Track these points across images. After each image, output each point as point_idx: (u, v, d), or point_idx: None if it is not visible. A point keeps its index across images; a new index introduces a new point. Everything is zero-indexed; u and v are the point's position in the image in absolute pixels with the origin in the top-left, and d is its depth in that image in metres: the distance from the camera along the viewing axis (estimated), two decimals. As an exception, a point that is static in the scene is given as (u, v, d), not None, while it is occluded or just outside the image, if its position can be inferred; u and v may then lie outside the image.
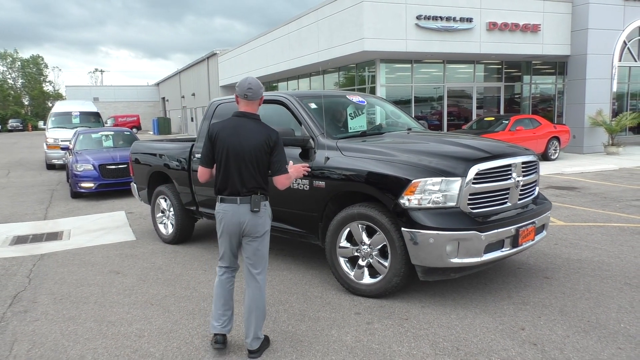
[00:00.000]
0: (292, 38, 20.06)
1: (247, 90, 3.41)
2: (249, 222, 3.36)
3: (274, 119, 5.58)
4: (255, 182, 3.36)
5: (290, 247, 6.31)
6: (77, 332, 3.97)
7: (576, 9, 17.01)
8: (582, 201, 8.84)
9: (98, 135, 12.73)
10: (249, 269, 3.46)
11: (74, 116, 18.17)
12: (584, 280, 4.77)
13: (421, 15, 15.09)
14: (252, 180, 3.36)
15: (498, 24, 16.02)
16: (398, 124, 6.07)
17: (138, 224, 8.07)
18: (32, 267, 5.83)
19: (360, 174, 4.40)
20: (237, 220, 3.36)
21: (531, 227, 4.44)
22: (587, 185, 10.61)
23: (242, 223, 3.36)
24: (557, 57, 18.15)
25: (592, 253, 5.66)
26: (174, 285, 5.04)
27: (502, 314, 4.05)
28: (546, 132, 15.12)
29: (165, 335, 3.86)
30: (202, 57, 37.14)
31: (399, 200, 4.10)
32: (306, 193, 4.85)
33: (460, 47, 15.83)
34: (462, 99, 19.02)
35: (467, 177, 4.08)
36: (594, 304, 4.20)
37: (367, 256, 4.44)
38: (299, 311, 4.25)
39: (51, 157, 16.25)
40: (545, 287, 4.62)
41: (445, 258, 3.99)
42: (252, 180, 3.36)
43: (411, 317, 4.03)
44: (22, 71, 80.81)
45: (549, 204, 4.95)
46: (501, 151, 4.50)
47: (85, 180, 10.57)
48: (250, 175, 3.35)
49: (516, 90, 19.86)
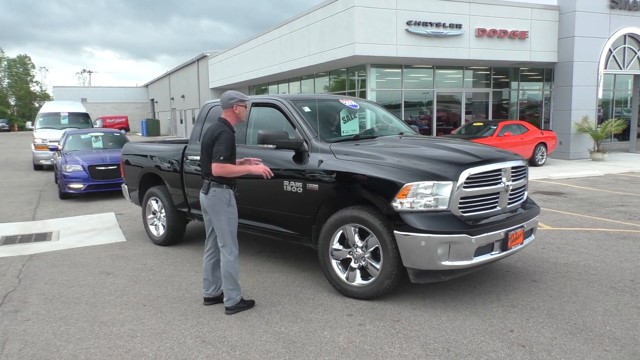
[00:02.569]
0: (284, 41, 20.11)
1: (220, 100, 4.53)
2: (203, 200, 4.31)
3: (268, 122, 5.64)
4: (205, 169, 4.29)
5: (281, 249, 6.35)
6: (69, 332, 3.97)
7: (563, 16, 17.29)
8: (569, 206, 8.99)
9: (87, 136, 12.64)
10: (217, 242, 4.35)
11: (63, 117, 18.02)
12: (571, 283, 4.87)
13: (411, 21, 15.24)
14: (204, 167, 4.31)
15: (487, 31, 16.23)
16: (390, 128, 6.14)
17: (128, 226, 8.05)
18: (22, 268, 5.80)
19: (353, 177, 4.45)
20: (200, 199, 4.38)
21: (520, 231, 4.53)
22: (573, 191, 10.78)
23: (202, 202, 4.33)
24: (545, 64, 18.42)
25: (578, 257, 5.77)
26: (165, 286, 5.05)
27: (491, 316, 4.12)
28: (533, 137, 15.33)
29: (158, 335, 3.87)
30: (192, 60, 37.00)
31: (392, 204, 4.16)
32: (299, 195, 4.89)
33: (450, 53, 16.01)
34: (451, 104, 19.21)
35: (459, 181, 4.15)
36: (580, 306, 4.29)
37: (359, 258, 4.49)
38: (291, 312, 4.28)
39: (39, 158, 16.10)
40: (533, 290, 4.70)
41: (437, 261, 4.05)
42: (204, 167, 4.32)
43: (402, 318, 4.09)
44: (8, 71, 79.86)
45: (537, 209, 5.04)
46: (491, 156, 4.58)
47: (74, 181, 10.50)
48: (203, 164, 4.32)
49: (504, 96, 20.10)
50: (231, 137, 4.19)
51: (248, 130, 5.62)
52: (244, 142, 5.60)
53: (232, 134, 4.22)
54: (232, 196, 4.28)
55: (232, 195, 4.29)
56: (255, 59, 23.58)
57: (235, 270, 4.28)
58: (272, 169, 5.16)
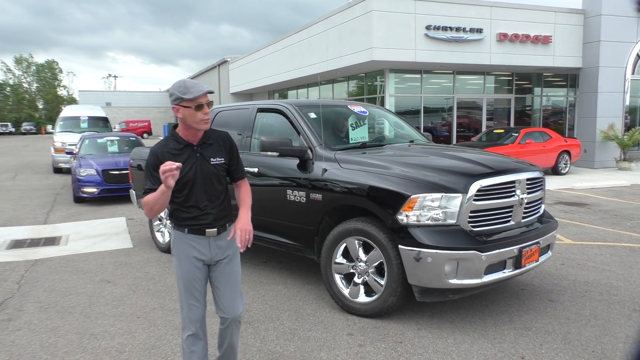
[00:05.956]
0: (302, 46, 20.00)
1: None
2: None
3: (274, 128, 5.47)
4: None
5: (288, 259, 6.15)
6: (57, 344, 3.83)
7: (588, 20, 16.77)
8: (592, 218, 8.58)
9: (103, 140, 12.69)
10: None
11: (83, 121, 18.22)
12: (591, 305, 4.55)
13: (431, 25, 14.95)
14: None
15: (508, 35, 15.83)
16: (400, 135, 5.90)
17: (137, 231, 7.96)
18: (24, 273, 5.72)
19: (357, 187, 4.23)
20: None
21: (535, 248, 4.24)
22: (597, 202, 10.34)
23: None
24: (569, 69, 17.90)
25: (600, 275, 5.42)
26: (163, 297, 4.89)
27: (502, 339, 3.84)
28: (556, 145, 14.84)
29: (147, 351, 3.70)
30: (213, 65, 37.31)
31: (397, 216, 3.93)
32: (302, 205, 4.69)
33: (470, 58, 15.65)
34: (472, 110, 18.80)
35: (469, 193, 3.89)
36: (599, 331, 3.97)
37: (363, 273, 4.26)
38: (289, 329, 4.07)
39: (58, 161, 16.27)
40: (550, 311, 4.40)
41: (444, 278, 3.80)
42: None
43: (406, 340, 3.84)
44: (37, 76, 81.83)
45: (554, 223, 4.74)
46: (505, 167, 4.31)
47: (88, 185, 10.50)
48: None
49: (527, 103, 19.61)
50: (152, 160, 2.69)
51: (253, 136, 5.45)
52: (248, 149, 5.43)
53: (154, 155, 2.71)
54: (177, 243, 2.81)
55: (180, 240, 2.80)
56: (275, 64, 23.54)
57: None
58: (276, 177, 5.02)
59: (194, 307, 2.79)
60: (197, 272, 2.80)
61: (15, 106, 75.08)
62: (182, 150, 2.74)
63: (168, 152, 2.73)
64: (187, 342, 2.80)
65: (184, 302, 2.80)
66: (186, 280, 2.78)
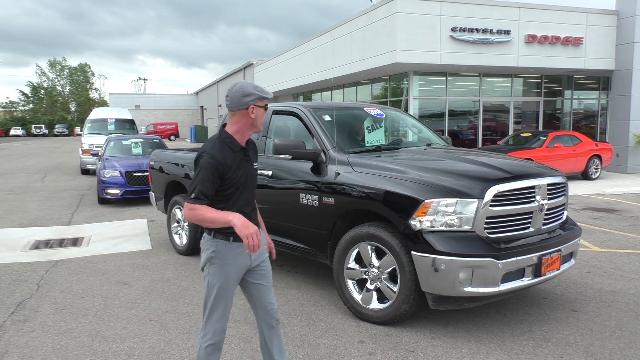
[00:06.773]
0: (326, 49, 19.96)
1: (225, 97, 2.71)
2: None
3: (288, 131, 5.42)
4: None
5: (303, 264, 6.08)
6: (69, 346, 3.84)
7: (622, 21, 16.24)
8: (622, 225, 8.25)
9: (128, 142, 12.88)
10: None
11: (110, 123, 18.55)
12: (616, 315, 4.33)
13: (456, 27, 14.71)
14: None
15: (537, 37, 15.45)
16: (418, 138, 5.78)
17: (157, 233, 8.02)
18: (44, 274, 5.81)
19: (370, 191, 4.14)
20: None
21: (556, 255, 4.06)
22: (628, 208, 9.95)
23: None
24: (601, 72, 17.36)
25: (627, 284, 5.18)
26: (177, 300, 4.88)
27: (519, 350, 3.68)
28: (587, 149, 14.39)
29: (156, 355, 3.68)
30: (239, 67, 37.66)
31: (410, 222, 3.82)
32: (315, 209, 4.62)
33: (497, 60, 15.32)
34: (499, 113, 18.41)
35: (485, 198, 3.76)
36: (624, 344, 3.77)
37: (375, 279, 4.17)
38: (299, 335, 4.00)
39: (86, 163, 16.61)
40: (572, 321, 4.21)
41: (458, 286, 3.67)
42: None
43: (418, 349, 3.72)
44: (70, 79, 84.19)
45: (578, 230, 4.54)
46: (524, 171, 4.15)
47: (111, 187, 10.66)
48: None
49: (557, 106, 19.10)
50: (214, 164, 2.53)
51: (268, 139, 5.41)
52: (263, 151, 5.39)
53: (216, 160, 2.54)
54: (220, 252, 2.66)
55: (224, 249, 2.66)
56: (299, 67, 23.57)
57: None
58: (289, 180, 4.96)
59: (225, 317, 2.74)
60: (235, 283, 2.74)
61: (49, 108, 77.40)
62: (237, 154, 2.66)
63: (229, 157, 2.62)
64: (206, 350, 2.71)
65: (216, 311, 2.69)
66: (224, 290, 2.69)
